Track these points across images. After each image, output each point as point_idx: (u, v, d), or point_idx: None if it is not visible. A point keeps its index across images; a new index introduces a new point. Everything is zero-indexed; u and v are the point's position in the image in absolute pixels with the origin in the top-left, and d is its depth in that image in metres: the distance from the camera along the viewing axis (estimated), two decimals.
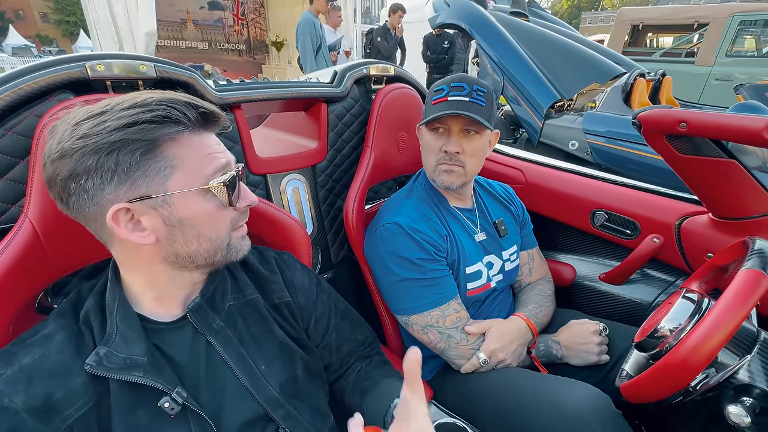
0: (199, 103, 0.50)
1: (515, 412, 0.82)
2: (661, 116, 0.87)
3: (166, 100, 0.47)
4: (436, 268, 0.91)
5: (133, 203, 0.47)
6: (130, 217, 0.48)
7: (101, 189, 0.45)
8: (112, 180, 0.45)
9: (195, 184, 0.50)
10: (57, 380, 0.47)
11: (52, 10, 21.42)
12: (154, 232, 0.49)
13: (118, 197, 0.46)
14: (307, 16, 4.16)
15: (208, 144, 0.51)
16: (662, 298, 1.10)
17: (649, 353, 0.72)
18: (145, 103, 0.46)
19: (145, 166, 0.46)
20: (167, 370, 0.52)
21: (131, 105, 0.45)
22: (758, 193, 0.91)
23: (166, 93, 0.49)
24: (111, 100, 0.47)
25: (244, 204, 0.56)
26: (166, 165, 0.47)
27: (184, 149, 0.48)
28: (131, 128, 0.44)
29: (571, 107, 3.94)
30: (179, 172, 0.48)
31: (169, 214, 0.49)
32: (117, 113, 0.45)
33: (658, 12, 6.34)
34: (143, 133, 0.45)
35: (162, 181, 0.47)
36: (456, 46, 5.26)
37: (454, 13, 2.28)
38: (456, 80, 0.89)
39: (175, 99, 0.48)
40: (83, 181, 0.45)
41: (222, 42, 7.65)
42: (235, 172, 0.53)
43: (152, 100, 0.46)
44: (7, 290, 0.56)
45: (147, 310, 0.55)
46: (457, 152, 0.90)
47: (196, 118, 0.49)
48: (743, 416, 0.60)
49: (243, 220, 0.58)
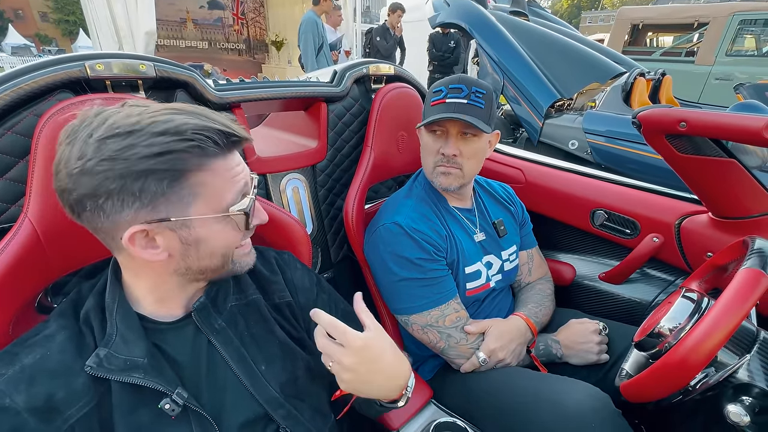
0: (233, 131, 0.48)
1: (515, 411, 0.82)
2: (661, 116, 0.87)
3: (201, 128, 0.45)
4: (436, 268, 0.91)
5: (151, 224, 0.46)
6: (145, 235, 0.47)
7: (120, 211, 0.44)
8: (133, 204, 0.44)
9: (216, 211, 0.49)
10: (58, 380, 0.47)
11: (51, 10, 21.40)
12: (167, 249, 0.49)
13: (137, 219, 0.45)
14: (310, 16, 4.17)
15: (231, 166, 0.50)
16: (662, 298, 1.10)
17: (648, 352, 0.72)
18: (180, 131, 0.43)
19: (170, 193, 0.45)
20: (168, 371, 0.52)
21: (164, 131, 0.43)
22: (758, 193, 0.91)
23: (199, 117, 0.46)
24: (141, 116, 0.44)
25: (256, 223, 0.56)
26: (189, 192, 0.46)
27: (209, 176, 0.47)
28: (162, 157, 0.42)
29: (571, 107, 3.94)
30: (201, 199, 0.47)
31: (187, 235, 0.49)
32: (148, 138, 0.42)
33: (658, 11, 6.33)
34: (174, 163, 0.43)
35: (183, 208, 0.47)
36: (461, 47, 5.26)
37: (453, 13, 2.28)
38: (455, 81, 0.89)
39: (210, 127, 0.45)
40: (101, 201, 0.43)
41: (222, 41, 7.64)
42: (253, 195, 0.53)
43: (187, 128, 0.44)
44: (6, 290, 0.56)
45: (148, 310, 0.55)
46: (454, 155, 0.90)
47: (226, 144, 0.47)
48: (743, 415, 0.60)
49: (248, 236, 0.58)
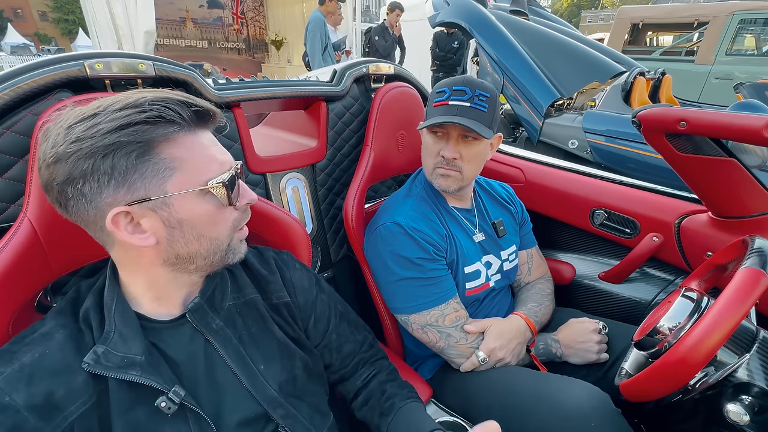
0: (194, 101, 0.48)
1: (515, 410, 0.82)
2: (661, 115, 0.87)
3: (159, 99, 0.46)
4: (436, 268, 0.91)
5: (132, 206, 0.46)
6: (129, 220, 0.47)
7: (99, 193, 0.45)
8: (109, 183, 0.44)
9: (194, 185, 0.49)
10: (58, 378, 0.47)
11: (50, 9, 21.37)
12: (154, 233, 0.49)
13: (117, 200, 0.45)
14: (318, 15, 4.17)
15: (205, 143, 0.50)
16: (661, 297, 1.10)
17: (648, 352, 0.72)
18: (138, 104, 0.44)
19: (142, 168, 0.45)
20: (165, 369, 0.52)
21: (124, 106, 0.44)
22: (758, 192, 0.91)
23: (159, 92, 0.47)
24: (103, 101, 0.45)
25: (244, 202, 0.56)
26: (164, 167, 0.46)
27: (181, 150, 0.47)
28: (125, 130, 0.43)
29: (570, 106, 3.94)
30: (178, 174, 0.47)
31: (168, 216, 0.48)
32: (110, 115, 0.43)
33: (658, 10, 6.32)
34: (137, 135, 0.44)
35: (160, 183, 0.46)
36: (464, 47, 5.25)
37: (453, 12, 2.28)
38: (458, 83, 0.88)
39: (168, 98, 0.46)
40: (80, 185, 0.44)
41: (221, 41, 7.64)
42: (233, 171, 0.52)
43: (145, 100, 0.45)
44: (6, 289, 0.56)
45: (146, 309, 0.55)
46: (454, 158, 0.89)
47: (191, 117, 0.48)
48: (742, 414, 0.60)
49: (245, 219, 0.58)
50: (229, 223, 0.54)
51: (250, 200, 0.57)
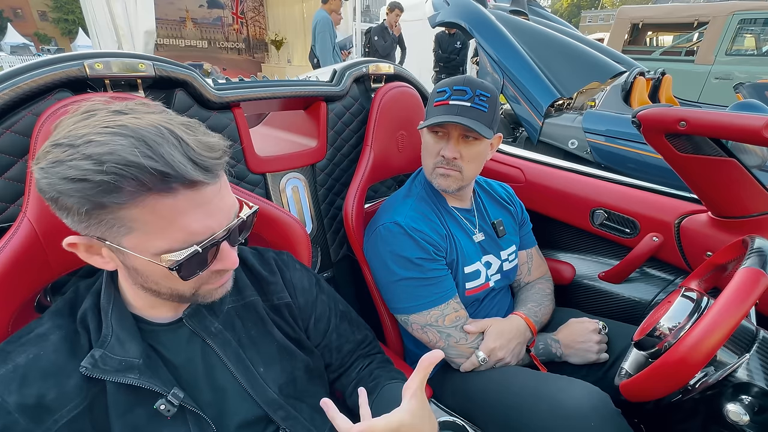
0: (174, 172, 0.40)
1: (514, 410, 0.82)
2: (661, 115, 0.87)
3: (126, 163, 0.38)
4: (436, 268, 0.91)
5: (91, 239, 0.45)
6: (89, 246, 0.46)
7: (63, 217, 0.43)
8: (68, 216, 0.42)
9: (146, 252, 0.44)
10: (50, 380, 0.46)
11: (50, 9, 21.36)
12: (112, 261, 0.47)
13: (78, 229, 0.44)
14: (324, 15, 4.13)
15: (182, 208, 0.43)
16: (661, 297, 1.10)
17: (648, 352, 0.72)
18: (101, 161, 0.38)
19: (98, 218, 0.41)
20: (163, 372, 0.52)
21: (90, 155, 0.38)
22: (757, 192, 0.91)
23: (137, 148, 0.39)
24: (92, 129, 0.40)
25: (216, 268, 0.49)
26: (119, 225, 0.42)
27: (145, 213, 0.41)
28: (76, 184, 0.38)
29: (570, 106, 3.94)
30: (134, 234, 0.43)
31: (124, 260, 0.46)
32: (74, 160, 0.39)
33: (658, 10, 6.33)
34: (88, 194, 0.39)
35: (116, 236, 0.43)
36: (467, 48, 5.24)
37: (453, 12, 2.28)
38: (459, 83, 0.88)
39: (138, 164, 0.38)
40: (52, 205, 0.43)
41: (221, 40, 7.64)
42: (201, 248, 0.45)
43: (109, 159, 0.38)
44: (5, 289, 0.56)
45: (142, 312, 0.55)
46: (454, 158, 0.89)
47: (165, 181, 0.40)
48: (742, 414, 0.60)
49: (217, 279, 0.52)
50: (190, 283, 0.49)
51: (225, 268, 0.50)
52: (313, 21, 4.24)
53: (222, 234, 0.47)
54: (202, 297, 0.52)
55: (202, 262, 0.47)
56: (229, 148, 0.47)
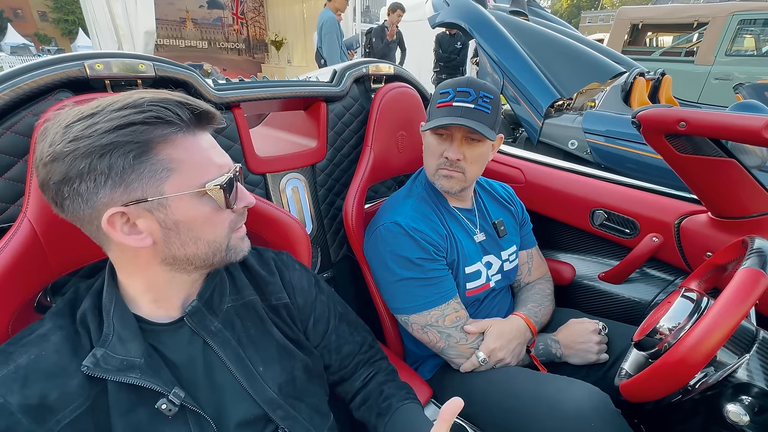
0: (192, 102, 0.48)
1: (514, 410, 0.82)
2: (661, 115, 0.87)
3: (158, 100, 0.45)
4: (436, 268, 0.91)
5: (129, 206, 0.46)
6: (125, 221, 0.47)
7: (95, 192, 0.44)
8: (106, 183, 0.44)
9: (191, 187, 0.48)
10: (53, 381, 0.46)
11: (50, 9, 21.37)
12: (150, 234, 0.48)
13: (113, 200, 0.45)
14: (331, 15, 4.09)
15: (204, 146, 0.50)
16: (661, 297, 1.10)
17: (648, 352, 0.72)
18: (137, 104, 0.44)
19: (140, 168, 0.45)
20: (164, 372, 0.52)
21: (123, 106, 0.44)
22: (757, 193, 0.91)
23: (158, 92, 0.47)
24: (102, 101, 0.45)
25: (242, 205, 0.55)
26: (162, 168, 0.46)
27: (179, 151, 0.47)
28: (123, 130, 0.43)
29: (570, 106, 3.95)
30: (175, 175, 0.47)
31: (165, 217, 0.48)
32: (108, 114, 0.43)
33: (658, 11, 6.33)
34: (135, 135, 0.43)
35: (157, 184, 0.46)
36: (467, 48, 5.24)
37: (453, 12, 2.28)
38: (462, 84, 0.88)
39: (167, 99, 0.46)
40: (76, 184, 0.44)
41: (221, 41, 7.64)
42: (232, 173, 0.52)
43: (144, 101, 0.45)
44: (5, 290, 0.56)
45: (144, 311, 0.55)
46: (458, 159, 0.90)
47: (190, 118, 0.48)
48: (742, 415, 0.60)
49: (242, 221, 0.57)
50: (225, 225, 0.53)
51: (247, 203, 0.56)
52: (319, 21, 4.18)
53: (235, 170, 0.54)
54: (233, 251, 0.56)
55: (234, 190, 0.53)
56: None
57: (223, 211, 0.52)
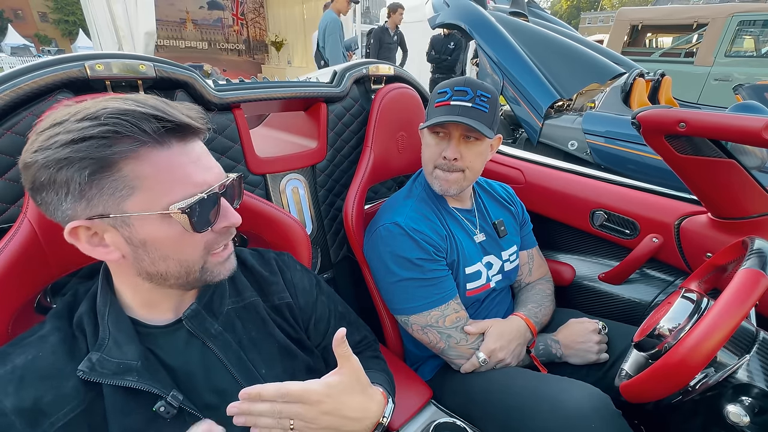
0: (164, 114, 0.43)
1: (515, 411, 0.82)
2: (661, 116, 0.87)
3: (119, 111, 0.41)
4: (436, 268, 0.91)
5: (92, 220, 0.44)
6: (92, 234, 0.45)
7: (59, 204, 0.43)
8: (67, 197, 0.42)
9: (153, 209, 0.44)
10: (48, 383, 0.46)
11: (51, 10, 21.37)
12: (117, 249, 0.47)
13: (77, 213, 0.44)
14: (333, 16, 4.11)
15: (180, 161, 0.45)
16: (661, 298, 1.10)
17: (648, 353, 0.72)
18: (96, 116, 0.41)
19: (100, 184, 0.42)
20: (162, 374, 0.52)
21: (83, 117, 0.41)
22: (757, 193, 0.91)
23: (126, 101, 0.43)
24: (76, 107, 0.43)
25: (222, 225, 0.50)
26: (124, 185, 0.43)
27: (144, 167, 0.43)
28: (78, 144, 0.40)
29: (570, 107, 3.95)
30: (138, 193, 0.43)
31: (130, 235, 0.45)
32: (70, 125, 0.41)
33: (658, 12, 6.34)
34: (90, 150, 0.40)
35: (118, 202, 0.43)
36: (461, 48, 5.25)
37: (453, 13, 2.28)
38: (460, 84, 0.89)
39: (129, 111, 0.42)
40: (44, 194, 0.43)
41: (221, 42, 7.65)
42: (205, 194, 0.46)
43: (103, 112, 0.41)
44: (5, 290, 0.56)
45: (139, 314, 0.54)
46: (455, 159, 0.90)
47: (158, 131, 0.43)
48: (742, 415, 0.60)
49: (222, 241, 0.53)
50: (199, 246, 0.49)
51: (230, 224, 0.51)
52: (322, 22, 4.19)
53: (219, 188, 0.49)
54: (209, 273, 0.52)
55: (209, 214, 0.48)
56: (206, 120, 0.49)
57: (193, 234, 0.48)
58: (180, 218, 0.45)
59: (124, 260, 0.48)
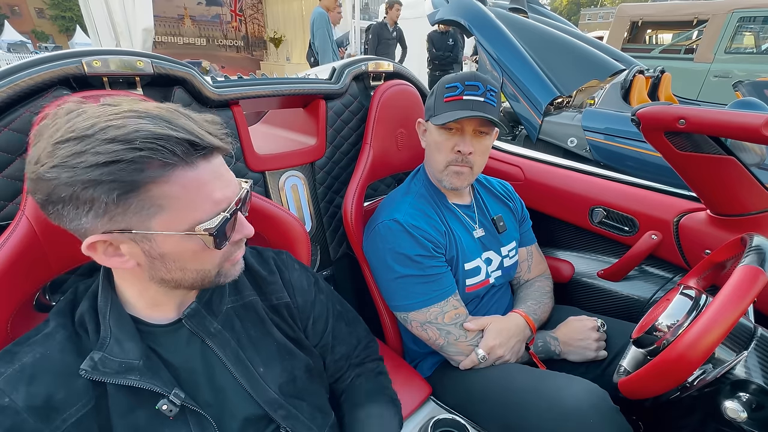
0: (200, 140, 0.43)
1: (514, 407, 0.82)
2: (660, 113, 0.87)
3: (154, 137, 0.40)
4: (435, 265, 0.91)
5: (112, 234, 0.43)
6: (108, 245, 0.45)
7: (77, 219, 0.42)
8: (88, 213, 0.41)
9: (180, 228, 0.45)
10: (58, 380, 0.46)
11: (47, 6, 21.24)
12: (133, 258, 0.47)
13: (96, 228, 0.43)
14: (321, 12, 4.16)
15: (204, 179, 0.45)
16: (660, 295, 1.10)
17: (646, 349, 0.72)
18: (129, 139, 0.39)
19: (126, 204, 0.41)
20: (164, 373, 0.52)
21: (113, 138, 0.39)
22: (756, 190, 0.91)
23: (159, 123, 0.41)
24: (99, 119, 0.40)
25: (238, 237, 0.52)
26: (151, 204, 0.42)
27: (173, 188, 0.43)
28: (109, 167, 0.39)
29: (569, 104, 3.94)
30: (164, 213, 0.43)
31: (150, 249, 0.46)
32: (97, 145, 0.39)
33: (658, 8, 6.32)
34: (122, 174, 0.39)
35: (144, 220, 0.43)
36: (459, 44, 5.24)
37: (453, 9, 2.27)
38: (470, 78, 0.88)
39: (164, 136, 0.40)
40: (59, 207, 0.42)
41: (220, 38, 7.62)
42: (228, 213, 0.47)
43: (138, 136, 0.39)
44: (4, 288, 0.55)
45: (141, 313, 0.54)
46: (470, 153, 0.90)
47: (189, 153, 0.43)
48: (740, 411, 0.60)
49: (236, 251, 0.54)
50: (217, 258, 0.51)
51: (245, 235, 0.53)
52: (311, 18, 4.27)
53: (237, 202, 0.49)
54: (223, 276, 0.53)
55: (229, 230, 0.49)
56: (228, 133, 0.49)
57: (211, 250, 0.48)
58: (204, 237, 0.46)
59: (138, 268, 0.48)
